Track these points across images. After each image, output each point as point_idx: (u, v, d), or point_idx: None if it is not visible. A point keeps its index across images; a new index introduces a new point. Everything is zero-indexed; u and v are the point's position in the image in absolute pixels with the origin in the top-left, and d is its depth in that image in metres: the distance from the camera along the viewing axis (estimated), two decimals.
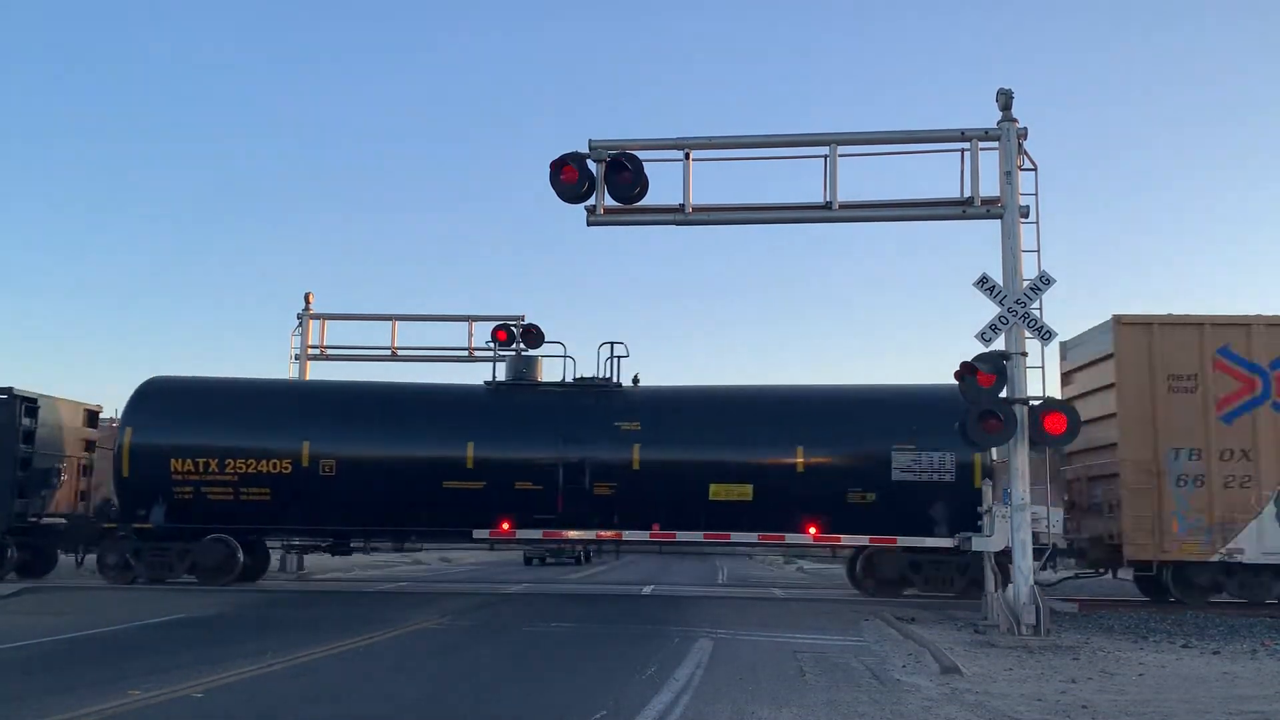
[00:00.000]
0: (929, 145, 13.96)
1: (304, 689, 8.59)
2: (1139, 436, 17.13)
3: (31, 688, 8.22)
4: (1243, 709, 8.19)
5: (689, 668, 9.71)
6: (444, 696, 8.47)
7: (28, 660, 10.11)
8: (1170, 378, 17.18)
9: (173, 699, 7.82)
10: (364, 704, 7.96)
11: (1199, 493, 16.85)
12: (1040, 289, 13.08)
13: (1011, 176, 13.34)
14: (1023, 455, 12.91)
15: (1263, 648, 11.90)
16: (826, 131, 13.91)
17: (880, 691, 8.66)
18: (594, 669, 9.99)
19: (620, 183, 13.64)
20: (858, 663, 10.26)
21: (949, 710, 7.92)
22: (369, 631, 12.06)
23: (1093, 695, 8.70)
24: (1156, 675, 9.93)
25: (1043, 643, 11.88)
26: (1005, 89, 13.56)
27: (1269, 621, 14.39)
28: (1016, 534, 12.82)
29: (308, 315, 24.71)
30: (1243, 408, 17.15)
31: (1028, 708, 8.08)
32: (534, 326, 23.55)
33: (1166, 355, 17.27)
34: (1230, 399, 17.19)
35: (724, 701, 8.08)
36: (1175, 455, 17.01)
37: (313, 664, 9.78)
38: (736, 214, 14.42)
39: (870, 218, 14.64)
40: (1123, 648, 11.83)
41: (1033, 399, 12.98)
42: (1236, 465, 16.95)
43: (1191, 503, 16.88)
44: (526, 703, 8.23)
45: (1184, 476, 16.96)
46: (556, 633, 12.72)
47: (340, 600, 17.54)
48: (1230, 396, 17.20)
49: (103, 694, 7.80)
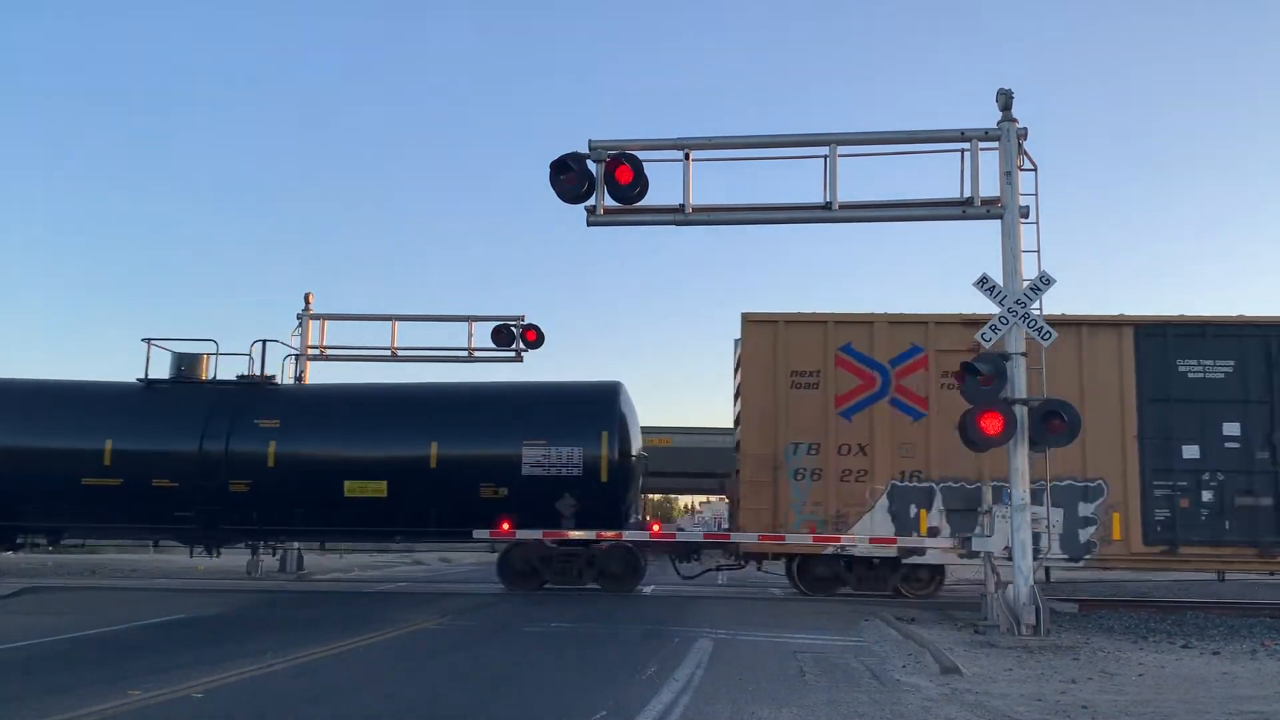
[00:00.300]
0: (929, 145, 13.97)
1: (304, 689, 8.59)
2: (760, 431, 17.71)
3: (31, 688, 8.22)
4: (1243, 709, 8.19)
5: (689, 668, 9.71)
6: (444, 696, 8.47)
7: (28, 660, 10.10)
8: (794, 374, 17.81)
9: (173, 699, 7.82)
10: (364, 704, 7.96)
11: (816, 486, 17.49)
12: (1040, 289, 13.10)
13: (1011, 177, 13.35)
14: (1023, 455, 12.91)
15: (1263, 648, 11.91)
16: (826, 131, 13.91)
17: (880, 691, 8.66)
18: (594, 669, 9.99)
19: (620, 183, 13.64)
20: (857, 663, 10.26)
21: (949, 710, 7.93)
22: (369, 631, 12.06)
23: (1093, 695, 8.70)
24: (1156, 675, 9.93)
25: (1042, 643, 11.88)
26: (1005, 89, 13.57)
27: (1269, 622, 14.41)
28: (1017, 534, 12.82)
29: (308, 315, 24.71)
30: (862, 403, 17.78)
31: (1028, 708, 8.09)
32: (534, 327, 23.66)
33: (791, 352, 17.88)
34: (851, 395, 17.80)
35: (724, 701, 8.08)
36: (794, 449, 17.63)
37: (313, 664, 9.78)
38: (736, 214, 14.42)
39: (870, 218, 14.65)
40: (1123, 648, 11.83)
41: (1033, 399, 12.98)
42: (854, 459, 17.58)
43: (809, 496, 17.48)
44: (526, 702, 8.22)
45: (802, 470, 17.55)
46: (556, 632, 12.72)
47: (340, 600, 17.54)
48: (851, 393, 17.81)
49: (102, 694, 7.80)
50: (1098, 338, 17.70)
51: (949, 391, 16.82)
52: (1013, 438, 12.83)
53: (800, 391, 17.79)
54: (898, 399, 17.68)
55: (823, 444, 17.58)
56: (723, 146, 14.32)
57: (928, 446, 17.45)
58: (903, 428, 17.60)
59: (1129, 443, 17.33)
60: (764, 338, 18.02)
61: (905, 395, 17.71)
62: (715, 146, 14.26)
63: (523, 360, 23.97)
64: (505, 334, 23.60)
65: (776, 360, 17.87)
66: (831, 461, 17.53)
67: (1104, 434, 17.19)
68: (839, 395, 17.72)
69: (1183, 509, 17.16)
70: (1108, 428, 17.25)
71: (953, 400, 16.83)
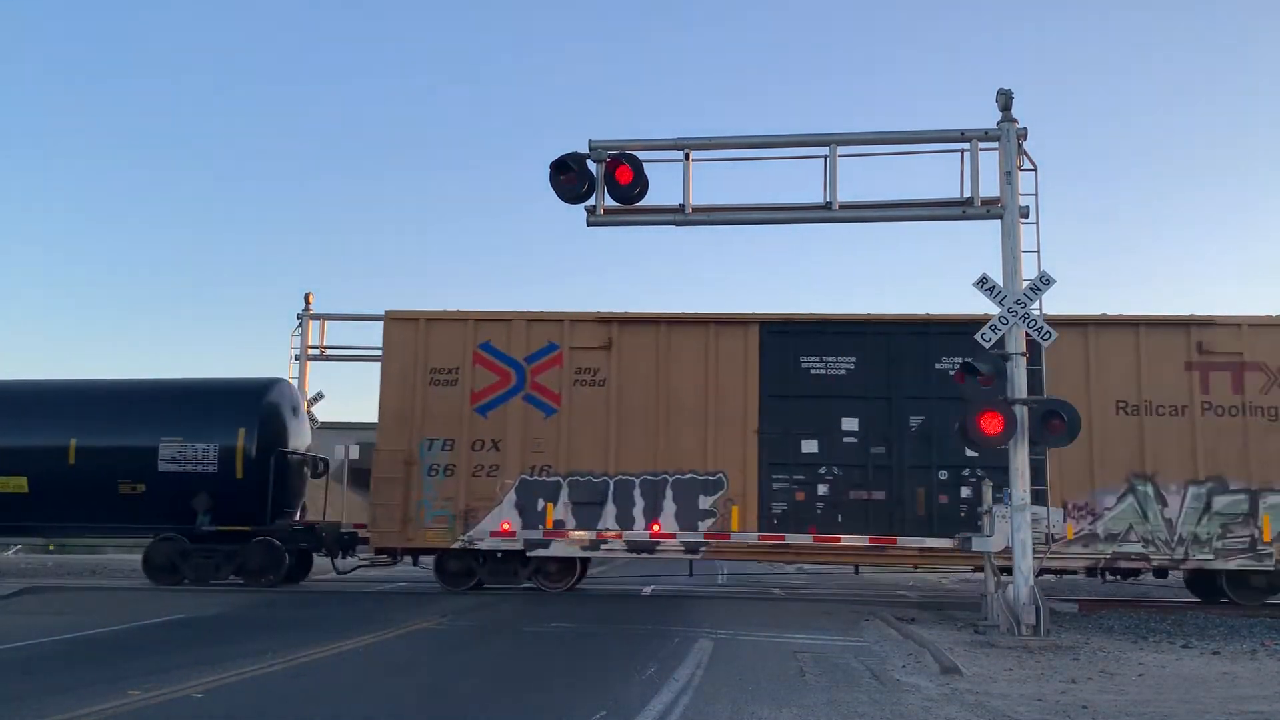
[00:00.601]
0: (929, 145, 13.96)
1: (304, 689, 8.59)
2: (396, 428, 17.99)
3: (31, 688, 8.22)
4: (1243, 709, 8.19)
5: (689, 668, 9.72)
6: (444, 696, 8.47)
7: (28, 660, 10.11)
8: (433, 371, 18.11)
9: (173, 699, 7.82)
10: (364, 704, 7.95)
11: (449, 482, 17.77)
12: (1040, 289, 13.08)
13: (1011, 177, 13.34)
14: (1023, 455, 12.90)
15: (1263, 648, 11.91)
16: (826, 131, 13.90)
17: (880, 691, 8.66)
18: (594, 669, 9.99)
19: (620, 183, 13.63)
20: (858, 663, 10.26)
21: (949, 710, 7.93)
22: (369, 631, 12.06)
23: (1093, 695, 8.70)
24: (1156, 675, 9.93)
25: (1043, 643, 11.88)
26: (1005, 89, 13.57)
27: (1269, 622, 14.40)
28: (1016, 534, 12.81)
29: (308, 315, 24.71)
30: (498, 400, 18.09)
31: (1028, 708, 8.09)
32: None
33: (432, 350, 18.17)
34: (487, 391, 18.11)
35: (724, 701, 8.08)
36: (430, 446, 17.89)
37: (313, 664, 9.79)
38: (736, 214, 14.41)
39: (870, 218, 14.63)
40: (1123, 648, 11.83)
41: (1033, 399, 12.97)
42: (487, 455, 17.86)
43: (440, 491, 17.76)
44: (526, 703, 8.22)
45: (436, 466, 17.82)
46: (556, 633, 12.72)
47: (340, 600, 17.54)
48: (488, 389, 18.11)
49: (102, 694, 7.80)
50: (725, 335, 18.08)
51: (581, 388, 17.87)
52: (1013, 437, 12.81)
53: (439, 388, 18.10)
54: (532, 395, 18.02)
55: (458, 440, 17.88)
56: (723, 146, 14.31)
57: (558, 441, 17.78)
58: (535, 423, 17.89)
59: (750, 437, 17.66)
60: (406, 335, 18.30)
61: (540, 392, 18.04)
62: (715, 146, 14.25)
63: None
64: None
65: (417, 358, 18.16)
66: (465, 457, 17.81)
67: (728, 429, 17.66)
68: (476, 392, 18.05)
69: (798, 502, 17.52)
70: (732, 423, 17.69)
71: (585, 396, 17.93)
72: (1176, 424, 17.29)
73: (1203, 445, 17.19)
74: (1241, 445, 17.17)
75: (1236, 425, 17.23)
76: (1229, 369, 17.47)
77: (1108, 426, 17.31)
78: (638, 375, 17.95)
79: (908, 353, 17.73)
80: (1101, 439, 17.22)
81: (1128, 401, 17.45)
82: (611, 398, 17.87)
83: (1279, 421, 17.31)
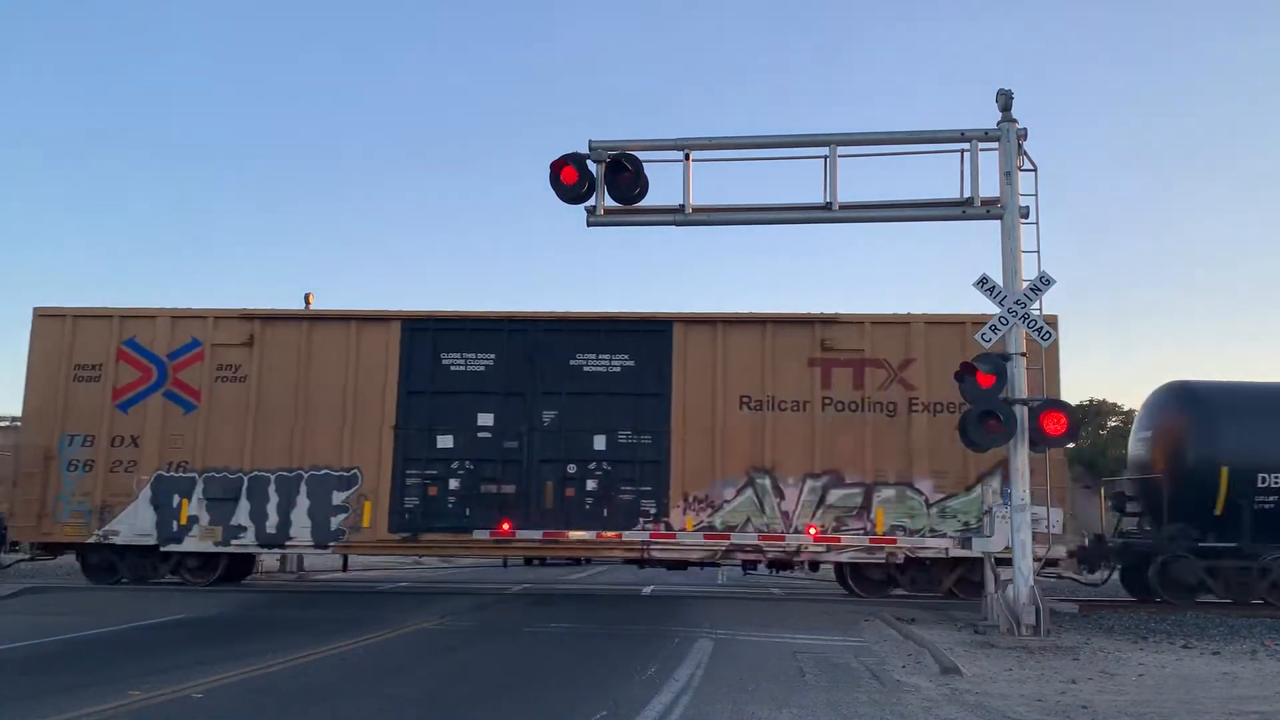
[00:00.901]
0: (929, 146, 13.94)
1: (304, 689, 8.59)
2: (38, 423, 18.27)
3: (31, 688, 8.21)
4: (1243, 709, 8.19)
5: (689, 668, 9.71)
6: (444, 697, 8.47)
7: (28, 660, 10.10)
8: (77, 367, 18.35)
9: (173, 699, 7.82)
10: (363, 705, 7.95)
11: (87, 477, 18.02)
12: (1040, 289, 13.07)
13: (1011, 177, 13.33)
14: (1023, 455, 12.90)
15: (1263, 648, 11.90)
16: (826, 132, 13.89)
17: (880, 692, 8.65)
18: (594, 669, 9.98)
19: (620, 183, 13.62)
20: (857, 663, 10.26)
21: (949, 711, 7.92)
22: (369, 632, 12.06)
23: (1093, 696, 8.70)
24: (1156, 676, 9.93)
25: (1042, 643, 11.88)
26: (1005, 89, 13.56)
27: (1269, 622, 14.39)
28: (1017, 534, 12.81)
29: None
30: (139, 396, 18.33)
31: (1028, 708, 8.08)
32: None
33: (79, 345, 18.44)
34: (129, 388, 18.36)
35: (724, 702, 8.08)
36: (70, 441, 18.15)
37: (313, 664, 9.79)
38: (736, 214, 14.40)
39: (870, 218, 14.62)
40: (1122, 648, 11.83)
41: (1032, 399, 12.97)
42: (125, 451, 18.12)
43: (79, 487, 18.03)
44: (526, 703, 8.22)
45: (75, 461, 18.07)
46: (556, 633, 12.72)
47: (340, 600, 17.53)
48: (129, 385, 18.36)
49: (102, 694, 7.80)
50: (368, 332, 18.34)
51: (223, 385, 18.16)
52: (1013, 437, 12.81)
53: (81, 384, 18.32)
54: (173, 391, 18.26)
55: (98, 436, 18.12)
56: (723, 147, 14.30)
57: (196, 438, 18.01)
58: (175, 420, 18.11)
59: (386, 433, 17.92)
60: (53, 332, 18.51)
61: (181, 388, 18.28)
62: (715, 147, 14.24)
63: None
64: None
65: (63, 354, 18.38)
66: (104, 453, 18.05)
67: (366, 425, 17.95)
68: (118, 388, 18.28)
69: (430, 496, 17.76)
70: (370, 419, 17.98)
71: (226, 393, 18.18)
72: (798, 419, 17.80)
73: (822, 440, 17.72)
74: (859, 440, 17.67)
75: (856, 420, 17.73)
76: (850, 365, 17.94)
77: (731, 421, 17.80)
78: (280, 372, 18.21)
79: (545, 349, 18.11)
80: (724, 433, 17.74)
81: (752, 397, 17.92)
82: (252, 394, 18.16)
83: (897, 417, 17.74)
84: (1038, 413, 12.77)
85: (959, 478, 17.43)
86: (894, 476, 17.54)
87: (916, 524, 17.39)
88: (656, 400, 17.84)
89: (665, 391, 17.86)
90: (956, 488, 17.45)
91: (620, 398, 17.85)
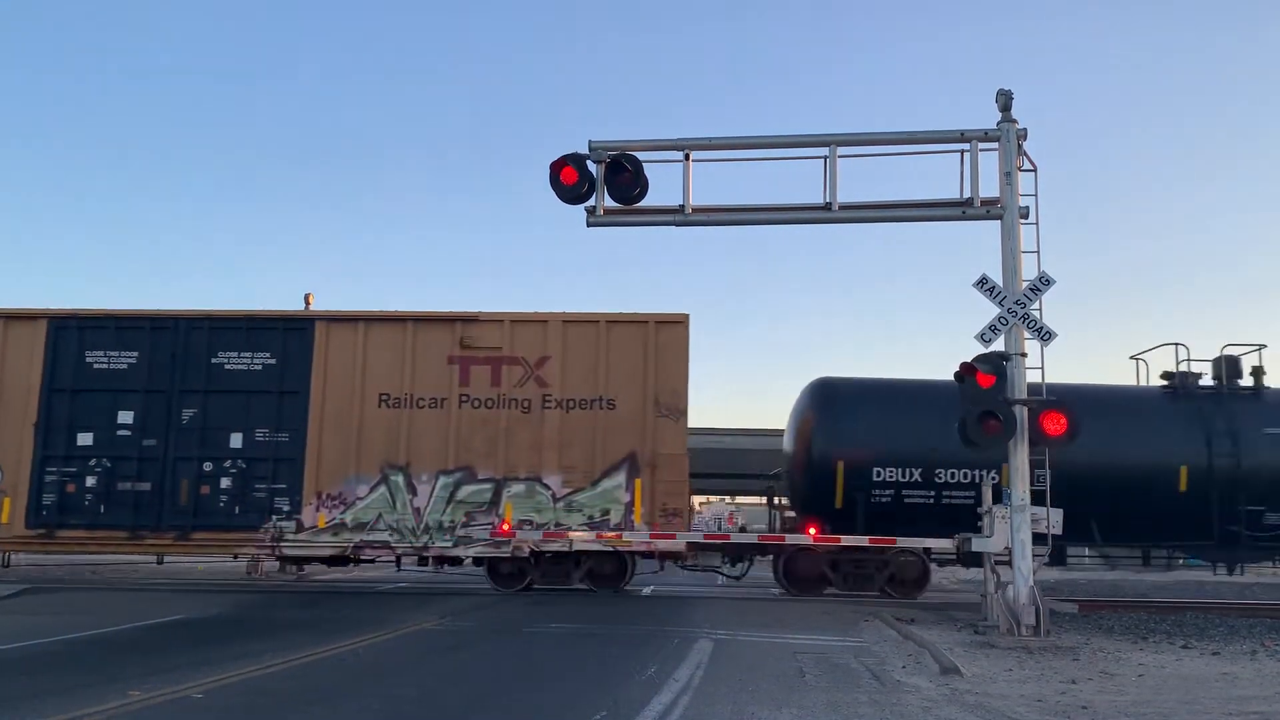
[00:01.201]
0: (929, 146, 13.94)
1: (304, 689, 8.58)
2: None
3: (31, 688, 8.21)
4: (1243, 709, 8.18)
5: (689, 668, 9.71)
6: (444, 697, 8.46)
7: (28, 660, 10.09)
8: None
9: (173, 699, 7.81)
10: (363, 705, 7.95)
11: None
12: (1040, 289, 13.07)
13: (1011, 177, 13.33)
14: (1023, 455, 12.90)
15: (1263, 648, 11.90)
16: (826, 132, 13.90)
17: (880, 692, 8.65)
18: (593, 669, 9.98)
19: (620, 183, 13.62)
20: (857, 663, 10.26)
21: (949, 711, 7.92)
22: (369, 632, 12.05)
23: (1093, 696, 8.70)
24: (1156, 676, 9.93)
25: (1042, 643, 11.88)
26: (1005, 90, 13.56)
27: (1269, 622, 14.41)
28: (1016, 534, 12.81)
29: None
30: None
31: (1028, 708, 8.08)
32: None
33: None
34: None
35: (724, 702, 8.07)
36: None
37: (312, 664, 9.78)
38: (736, 214, 14.40)
39: (870, 219, 14.63)
40: (1122, 648, 11.83)
41: (1032, 400, 12.97)
42: None
43: None
44: (526, 703, 8.22)
45: None
46: (556, 633, 12.71)
47: (340, 601, 17.52)
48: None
49: (102, 694, 7.79)
50: (15, 330, 18.66)
51: None
52: (1013, 437, 12.81)
53: None
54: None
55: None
56: (723, 147, 14.30)
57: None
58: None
59: (27, 430, 18.27)
60: None
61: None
62: (715, 147, 14.24)
63: None
64: None
65: None
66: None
67: (9, 423, 18.40)
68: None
69: (68, 494, 18.10)
70: (14, 417, 18.37)
71: None
72: (435, 416, 18.16)
73: (457, 436, 18.09)
74: (494, 436, 18.05)
75: (491, 417, 18.12)
76: (489, 363, 18.32)
77: (369, 418, 18.17)
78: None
79: (188, 348, 18.39)
80: (361, 430, 18.12)
81: (391, 394, 18.27)
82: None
83: (531, 413, 18.10)
84: (1037, 413, 12.77)
85: (586, 473, 17.92)
86: (525, 472, 18.01)
87: (544, 518, 17.87)
88: (295, 398, 18.22)
89: (305, 389, 18.25)
90: (584, 482, 17.94)
91: (261, 395, 18.25)
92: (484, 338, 18.33)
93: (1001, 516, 13.41)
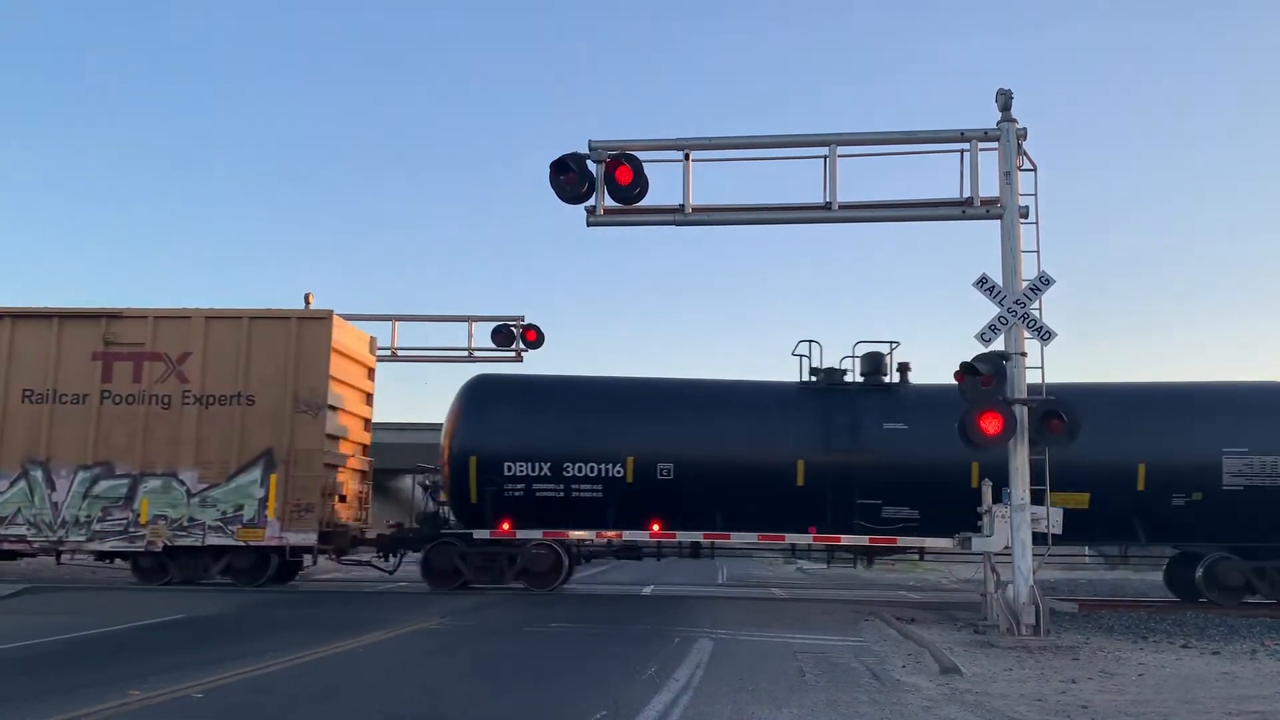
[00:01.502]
0: (928, 145, 13.95)
1: (304, 689, 8.59)
2: None
3: (31, 688, 8.21)
4: (1243, 709, 8.19)
5: (689, 668, 9.71)
6: (444, 696, 8.46)
7: (28, 660, 10.09)
8: None
9: (173, 699, 7.81)
10: (363, 704, 7.95)
11: None
12: (1040, 289, 13.07)
13: (1011, 177, 13.33)
14: (1023, 455, 12.90)
15: (1263, 648, 11.90)
16: (826, 132, 13.89)
17: (880, 691, 8.65)
18: (594, 669, 9.98)
19: (620, 183, 13.62)
20: (858, 663, 10.26)
21: (949, 710, 7.92)
22: (369, 632, 12.05)
23: (1093, 695, 8.70)
24: (1156, 675, 9.93)
25: (1042, 643, 11.88)
26: (1005, 89, 13.55)
27: (1269, 621, 14.40)
28: (1017, 534, 12.81)
29: None
30: None
31: (1028, 708, 8.08)
32: (534, 327, 23.65)
33: None
34: None
35: (724, 702, 8.07)
36: None
37: (313, 664, 9.78)
38: (736, 214, 14.40)
39: (870, 218, 14.63)
40: (1122, 648, 11.83)
41: (1033, 400, 12.97)
42: None
43: None
44: (526, 703, 8.22)
45: None
46: (556, 633, 12.72)
47: (340, 600, 17.54)
48: None
49: (102, 694, 7.79)
50: None
51: None
52: (1013, 437, 12.80)
53: None
54: None
55: None
56: (723, 147, 14.30)
57: None
58: None
59: None
60: None
61: None
62: (715, 147, 14.24)
63: (523, 360, 23.97)
64: (505, 334, 23.63)
65: None
66: None
67: None
68: None
69: None
70: None
71: None
72: (78, 411, 18.40)
73: (98, 432, 18.31)
74: (133, 432, 18.24)
75: (132, 413, 18.34)
76: (132, 359, 18.53)
77: (13, 413, 18.44)
78: None
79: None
80: (4, 425, 18.41)
81: (34, 389, 18.49)
82: None
83: (171, 409, 18.33)
84: (1038, 413, 12.77)
85: (222, 468, 18.14)
86: (162, 467, 18.21)
87: (178, 513, 18.12)
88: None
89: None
90: (219, 478, 18.16)
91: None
92: (127, 334, 18.57)
93: (1002, 516, 13.40)
